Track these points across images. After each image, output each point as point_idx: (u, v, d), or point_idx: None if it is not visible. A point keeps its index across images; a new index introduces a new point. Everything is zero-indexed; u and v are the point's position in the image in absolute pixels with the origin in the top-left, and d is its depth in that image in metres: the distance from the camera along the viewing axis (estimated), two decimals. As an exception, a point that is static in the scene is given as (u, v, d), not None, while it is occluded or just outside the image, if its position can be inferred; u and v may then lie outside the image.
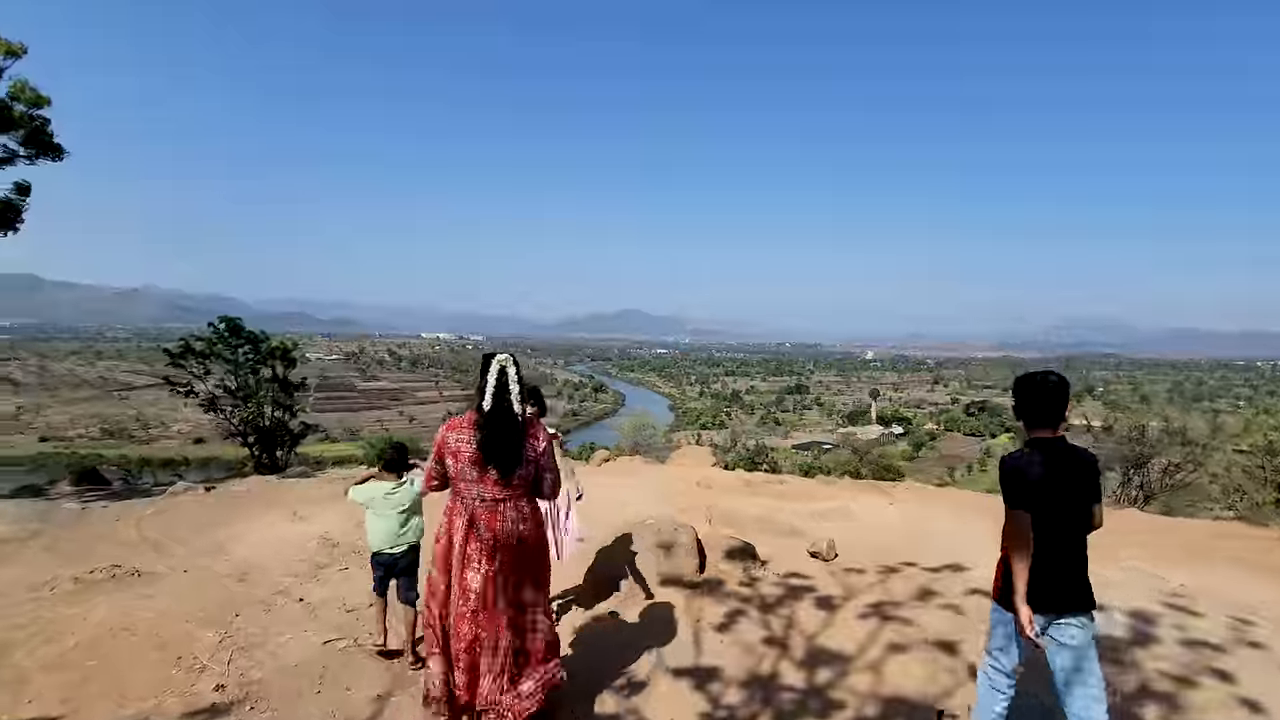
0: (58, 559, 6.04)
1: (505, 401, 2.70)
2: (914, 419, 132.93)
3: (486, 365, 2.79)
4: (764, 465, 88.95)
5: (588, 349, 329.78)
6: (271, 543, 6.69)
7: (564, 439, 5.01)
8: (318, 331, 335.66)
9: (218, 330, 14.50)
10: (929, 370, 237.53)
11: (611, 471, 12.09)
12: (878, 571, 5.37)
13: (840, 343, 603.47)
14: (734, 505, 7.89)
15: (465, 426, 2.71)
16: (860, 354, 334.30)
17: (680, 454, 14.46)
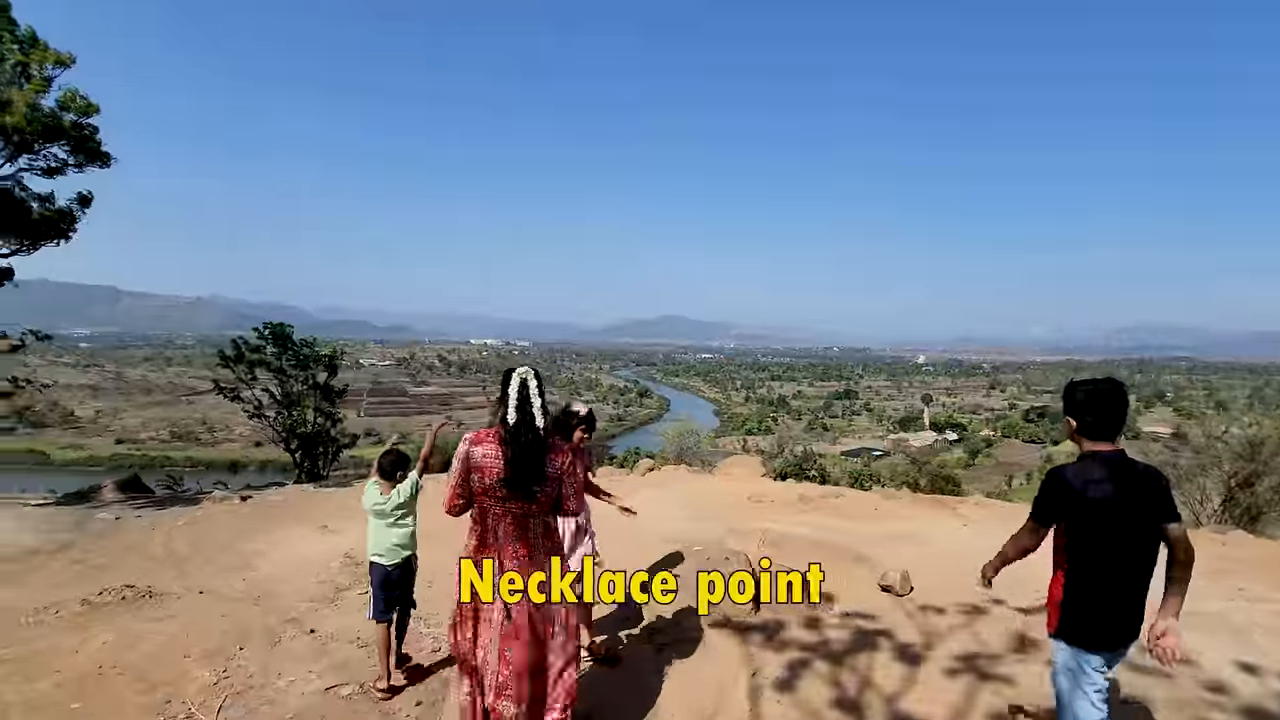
0: (78, 575, 5.82)
1: (528, 415, 2.60)
2: (969, 425, 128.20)
3: (507, 379, 2.68)
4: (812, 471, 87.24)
5: (632, 354, 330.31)
6: (295, 559, 6.36)
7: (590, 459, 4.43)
8: (373, 338, 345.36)
9: (263, 336, 14.39)
10: (984, 375, 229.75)
11: (655, 482, 11.49)
12: (961, 611, 4.63)
13: (890, 347, 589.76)
14: (789, 524, 7.20)
15: (490, 441, 2.60)
16: (911, 358, 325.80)
17: (729, 464, 13.76)
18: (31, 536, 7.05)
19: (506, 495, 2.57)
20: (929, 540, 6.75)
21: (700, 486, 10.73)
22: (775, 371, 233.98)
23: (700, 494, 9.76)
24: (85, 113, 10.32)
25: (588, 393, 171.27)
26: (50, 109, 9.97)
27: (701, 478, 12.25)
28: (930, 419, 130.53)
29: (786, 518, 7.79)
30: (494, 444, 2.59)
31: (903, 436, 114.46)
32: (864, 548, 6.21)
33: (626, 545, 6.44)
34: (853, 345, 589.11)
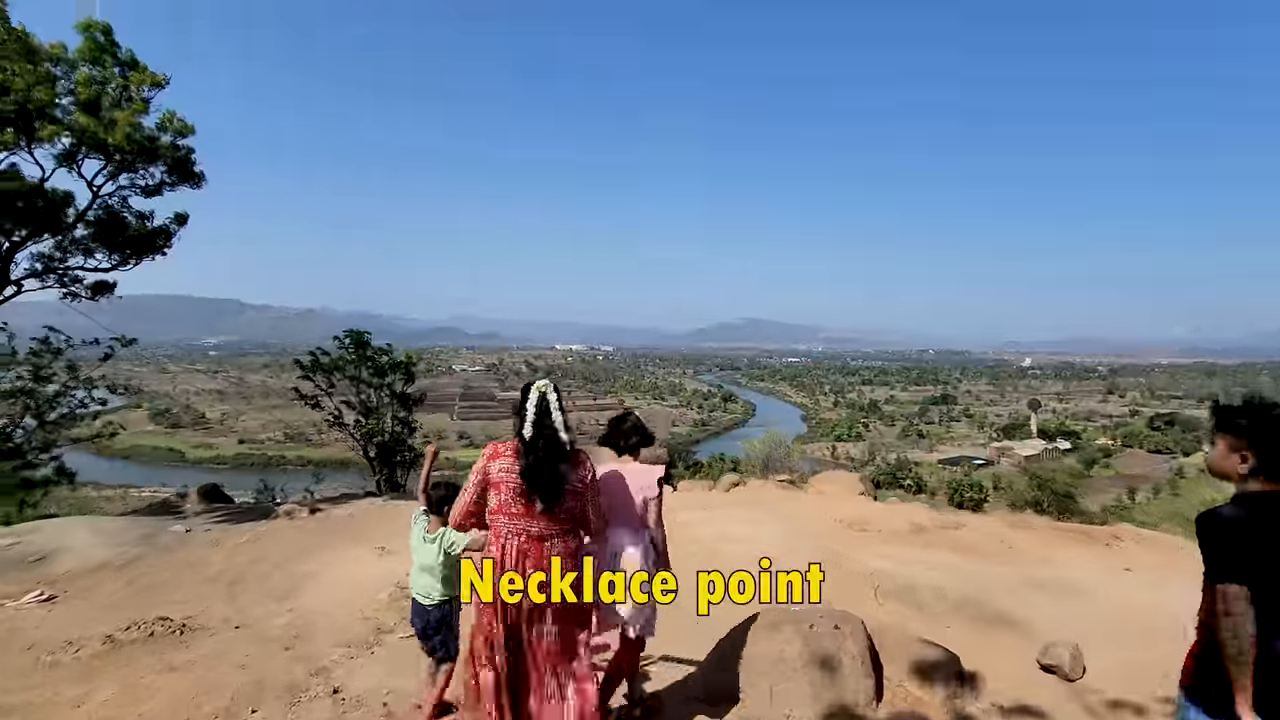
0: (127, 597, 5.59)
1: (547, 428, 2.54)
2: (1083, 433, 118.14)
3: (526, 392, 2.60)
4: (907, 480, 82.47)
5: (716, 358, 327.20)
6: (345, 586, 5.85)
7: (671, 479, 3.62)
8: (464, 345, 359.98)
9: (343, 344, 14.30)
10: (1100, 378, 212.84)
11: (740, 501, 10.45)
12: (1166, 714, 3.40)
13: (991, 349, 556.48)
14: (904, 563, 6.03)
15: (508, 455, 2.55)
16: (1015, 361, 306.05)
17: (822, 479, 12.51)
18: (103, 550, 6.94)
19: (523, 511, 2.49)
20: (1088, 592, 5.41)
21: (790, 507, 9.65)
22: (866, 375, 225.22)
23: (790, 517, 8.68)
24: (182, 133, 10.60)
25: (671, 397, 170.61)
26: (150, 130, 10.17)
27: (791, 495, 11.11)
28: (1038, 426, 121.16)
29: (899, 554, 6.60)
30: (511, 458, 2.52)
31: (1007, 445, 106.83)
32: (1006, 601, 4.98)
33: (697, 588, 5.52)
34: (949, 348, 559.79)
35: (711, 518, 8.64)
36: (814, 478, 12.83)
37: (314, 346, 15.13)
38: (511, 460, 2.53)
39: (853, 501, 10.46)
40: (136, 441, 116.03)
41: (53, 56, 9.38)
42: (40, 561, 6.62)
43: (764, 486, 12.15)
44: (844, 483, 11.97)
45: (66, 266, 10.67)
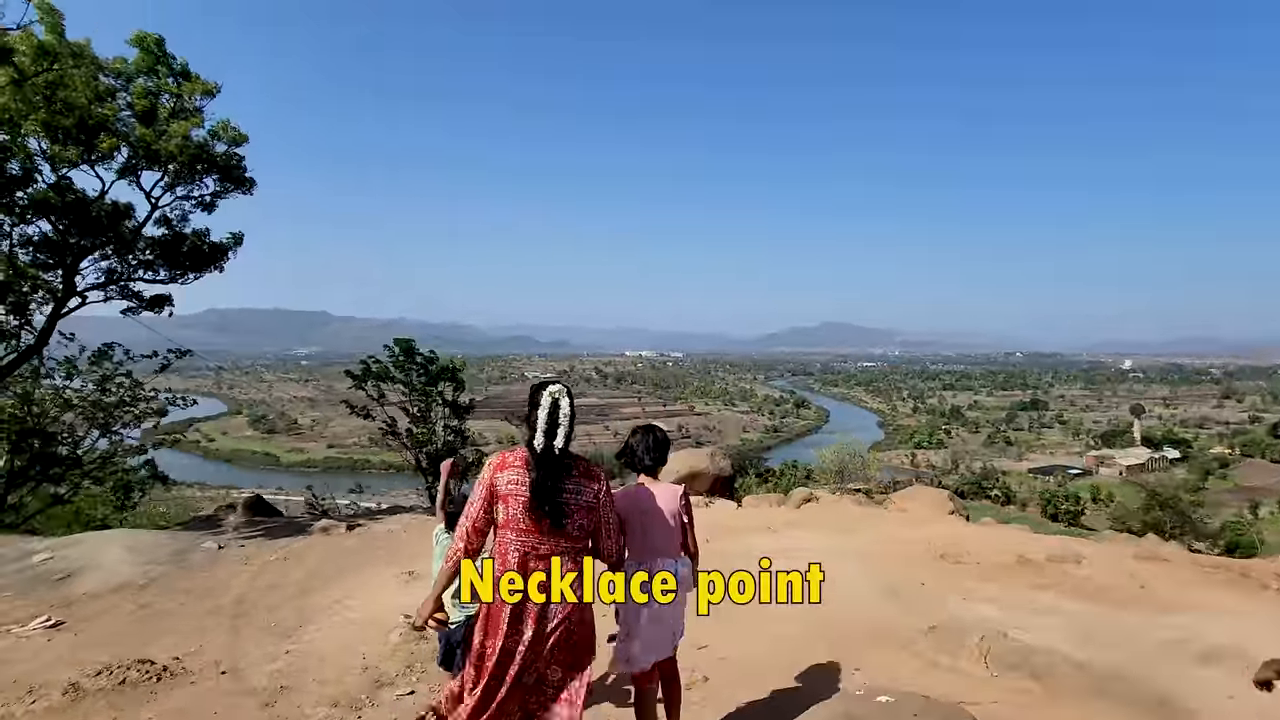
0: (130, 625, 5.28)
1: (558, 439, 2.36)
2: (1194, 440, 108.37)
3: (536, 398, 2.40)
4: (994, 490, 77.83)
5: (788, 363, 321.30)
6: (358, 622, 5.26)
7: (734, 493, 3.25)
8: (537, 353, 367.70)
9: (393, 352, 14.10)
10: (1213, 381, 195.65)
11: (811, 520, 9.35)
12: None
13: (1086, 351, 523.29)
14: (1017, 611, 4.87)
15: (517, 466, 2.35)
16: (1114, 364, 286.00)
17: (905, 496, 11.26)
18: (129, 569, 6.70)
19: (531, 527, 2.31)
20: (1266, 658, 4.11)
21: (870, 530, 8.52)
22: (947, 380, 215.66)
23: (871, 544, 7.57)
24: (236, 142, 10.51)
25: (742, 403, 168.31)
26: (202, 138, 10.13)
27: (870, 514, 9.91)
28: (1142, 433, 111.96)
29: (1008, 597, 5.40)
30: (521, 469, 2.33)
31: (1106, 453, 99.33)
32: (1167, 677, 3.77)
33: (753, 640, 4.57)
34: (1039, 350, 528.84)
35: (778, 543, 7.68)
36: (896, 494, 11.55)
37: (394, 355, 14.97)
38: (521, 472, 2.34)
39: (942, 523, 9.19)
40: (237, 446, 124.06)
41: (114, 70, 9.45)
42: (65, 580, 6.46)
43: (839, 502, 10.99)
44: (930, 500, 10.68)
45: (129, 279, 10.73)
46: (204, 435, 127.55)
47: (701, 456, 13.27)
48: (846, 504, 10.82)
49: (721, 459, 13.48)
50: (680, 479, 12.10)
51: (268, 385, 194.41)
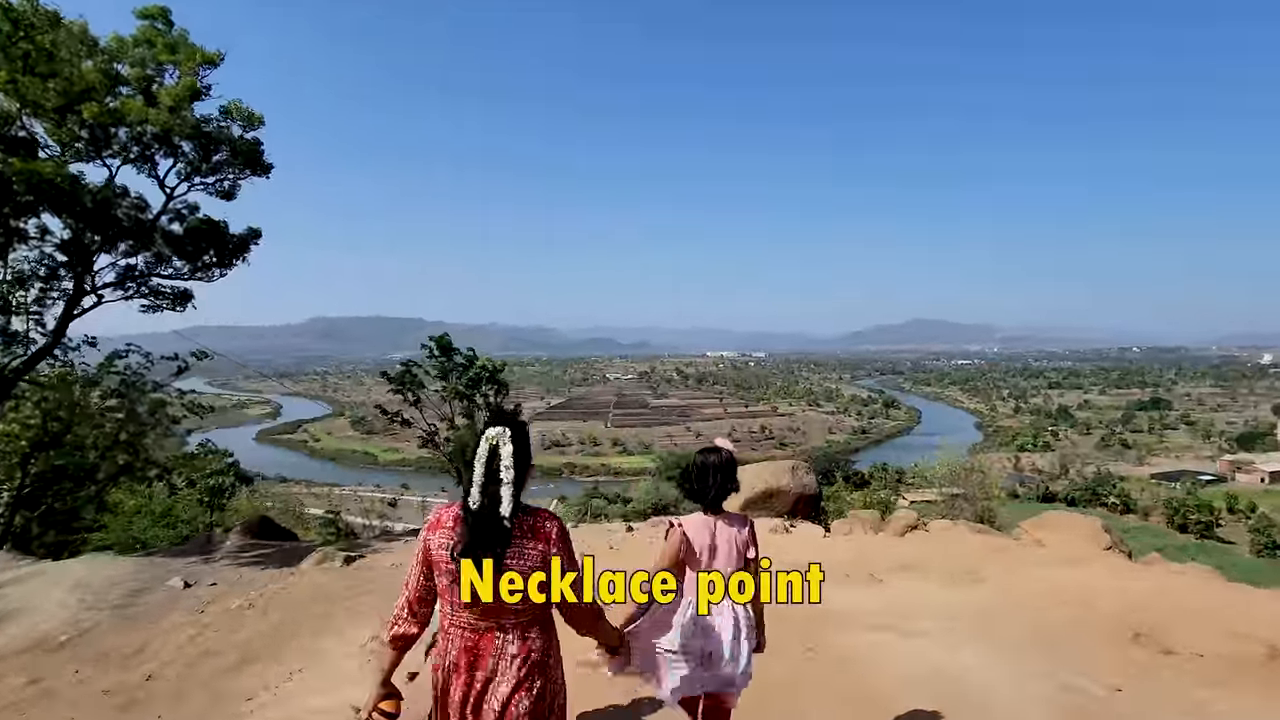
0: None
1: (493, 494, 1.90)
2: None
3: (475, 443, 1.94)
4: (1110, 498, 71.91)
5: (875, 362, 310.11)
6: (295, 714, 4.14)
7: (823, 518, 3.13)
8: (618, 354, 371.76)
9: (431, 350, 13.25)
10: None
11: (921, 560, 7.26)
12: None
13: (1216, 345, 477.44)
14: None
15: (449, 525, 1.95)
16: (1251, 358, 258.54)
17: (1041, 524, 8.60)
18: (63, 615, 5.92)
19: (463, 601, 1.90)
20: None
21: (1002, 576, 6.49)
22: (1053, 378, 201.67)
23: (1011, 602, 5.68)
24: (250, 123, 9.85)
25: (827, 404, 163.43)
26: (212, 118, 9.46)
27: (997, 550, 7.67)
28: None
29: (1238, 704, 3.79)
30: (451, 529, 1.93)
31: (1244, 458, 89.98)
32: None
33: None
34: (1160, 344, 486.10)
35: (884, 597, 5.91)
36: (1028, 523, 8.99)
37: (484, 357, 14.19)
38: (451, 532, 1.93)
39: (1099, 564, 6.86)
40: (340, 445, 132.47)
41: (110, 50, 8.76)
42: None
43: (953, 531, 8.89)
44: (1078, 531, 8.04)
45: (147, 275, 10.13)
46: (311, 435, 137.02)
47: (781, 470, 11.12)
48: (963, 533, 8.70)
49: (805, 473, 11.33)
50: (755, 497, 10.84)
51: (366, 388, 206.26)
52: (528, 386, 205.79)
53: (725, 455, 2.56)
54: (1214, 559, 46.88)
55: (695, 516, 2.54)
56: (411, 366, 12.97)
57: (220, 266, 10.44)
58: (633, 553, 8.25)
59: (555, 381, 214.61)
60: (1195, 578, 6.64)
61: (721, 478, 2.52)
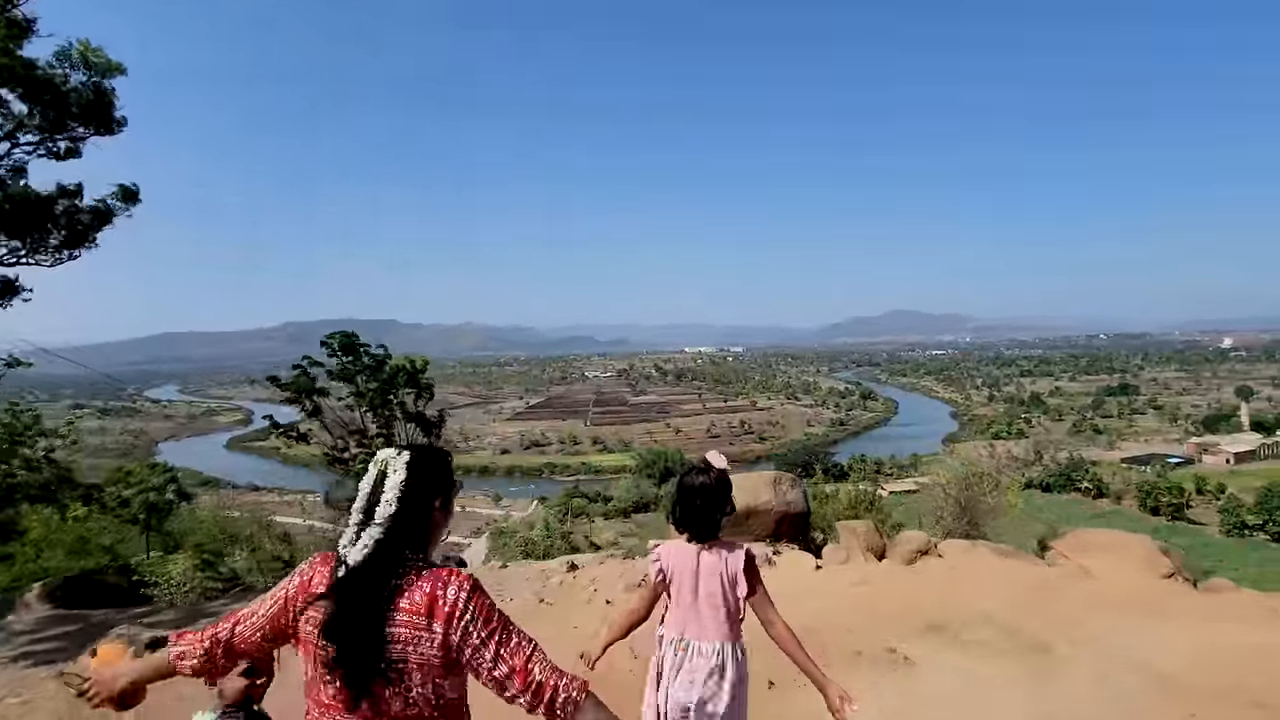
0: None
1: (375, 540, 1.36)
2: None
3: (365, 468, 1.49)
4: (1084, 483, 73.46)
5: (852, 354, 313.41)
6: None
7: None
8: (596, 352, 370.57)
9: (331, 349, 10.75)
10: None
11: (948, 607, 5.39)
12: None
13: (1180, 330, 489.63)
14: None
15: (324, 582, 1.41)
16: (1211, 342, 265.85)
17: (1082, 545, 7.10)
18: None
19: (332, 700, 1.36)
20: None
21: (1079, 644, 4.57)
22: (1024, 366, 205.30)
23: (1110, 692, 3.94)
24: (104, 72, 8.15)
25: (805, 397, 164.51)
26: (48, 62, 7.79)
27: (1040, 583, 6.07)
28: (1251, 417, 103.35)
29: None
30: (327, 580, 1.39)
31: (1210, 440, 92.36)
32: None
33: None
34: (1126, 331, 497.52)
35: (913, 688, 4.11)
36: (1064, 543, 7.51)
37: (460, 358, 12.57)
38: (320, 600, 1.39)
39: (1174, 600, 5.44)
40: (314, 452, 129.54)
41: None
42: None
43: (973, 556, 7.33)
44: (1128, 554, 6.56)
45: None
46: (283, 442, 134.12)
47: (760, 484, 9.00)
48: (986, 558, 7.12)
49: (790, 487, 9.14)
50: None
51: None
52: (506, 386, 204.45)
53: (714, 476, 2.19)
54: (1186, 539, 48.03)
55: (678, 543, 2.23)
56: (310, 368, 10.46)
57: (70, 247, 8.49)
58: (570, 605, 6.59)
59: (534, 380, 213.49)
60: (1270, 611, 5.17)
61: (709, 502, 2.17)
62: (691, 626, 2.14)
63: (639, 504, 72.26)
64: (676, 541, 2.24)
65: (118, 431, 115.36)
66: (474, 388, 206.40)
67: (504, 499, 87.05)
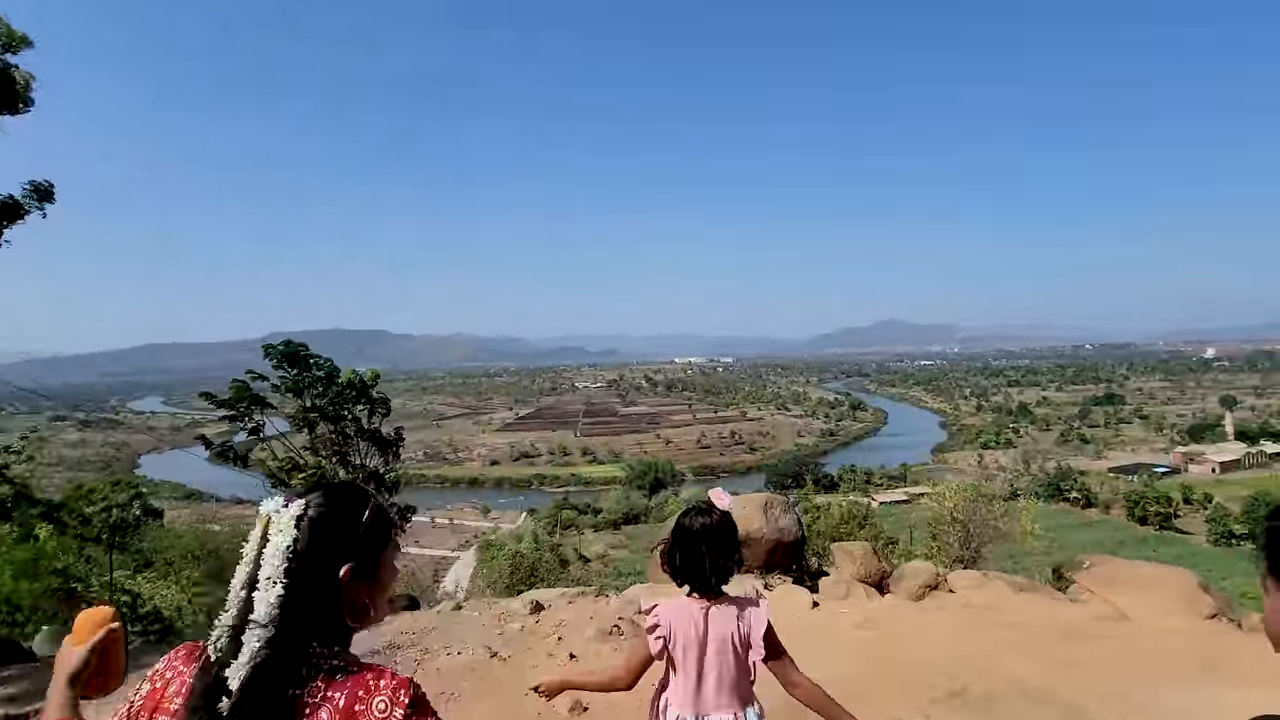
0: None
1: (268, 659, 0.91)
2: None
3: None
4: (1072, 493, 73.61)
5: (842, 365, 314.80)
6: None
7: None
8: (586, 363, 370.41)
9: (277, 358, 9.57)
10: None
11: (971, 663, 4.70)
12: None
13: (1163, 340, 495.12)
14: None
15: (183, 672, 0.99)
16: (1195, 352, 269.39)
17: (1110, 581, 6.45)
18: None
19: None
20: None
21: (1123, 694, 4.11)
22: (1012, 376, 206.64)
23: None
24: (8, 46, 7.39)
25: (795, 407, 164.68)
26: None
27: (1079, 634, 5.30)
28: (1235, 426, 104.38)
29: None
30: (183, 680, 0.96)
31: (1195, 449, 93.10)
32: None
33: None
34: (1111, 340, 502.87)
35: None
36: (1090, 577, 6.71)
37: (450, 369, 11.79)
38: (183, 691, 0.95)
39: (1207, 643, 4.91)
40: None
41: None
42: None
43: (988, 590, 6.71)
44: (1165, 590, 5.88)
45: None
46: (271, 453, 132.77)
47: (750, 510, 8.10)
48: (1005, 594, 6.54)
49: (782, 512, 8.25)
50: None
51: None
52: (496, 396, 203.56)
53: (717, 519, 1.88)
54: (1174, 549, 48.08)
55: (679, 601, 1.93)
56: (253, 381, 9.01)
57: None
58: (529, 657, 5.49)
59: (524, 391, 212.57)
60: None
61: (716, 548, 1.86)
62: (705, 701, 1.86)
63: (629, 515, 71.85)
64: (677, 600, 1.93)
65: (99, 444, 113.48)
66: (464, 398, 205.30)
67: (493, 511, 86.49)
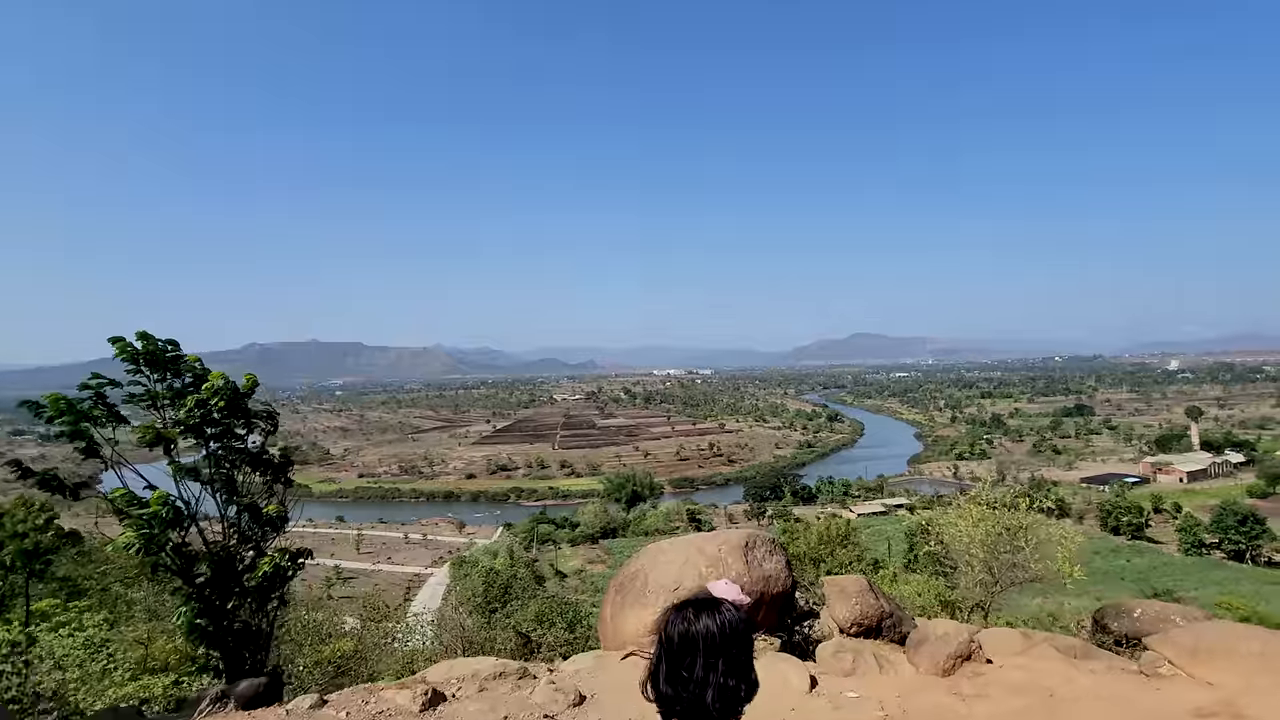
0: None
1: None
2: (1257, 442, 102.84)
3: None
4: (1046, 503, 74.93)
5: (819, 377, 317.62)
6: None
7: None
8: (565, 375, 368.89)
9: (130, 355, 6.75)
10: (1269, 379, 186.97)
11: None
12: None
13: (1129, 352, 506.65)
14: None
15: None
16: (1159, 364, 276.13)
17: (1192, 647, 5.21)
18: None
19: None
20: None
21: None
22: (985, 388, 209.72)
23: None
24: None
25: (773, 419, 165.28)
26: None
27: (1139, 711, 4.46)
28: (1201, 437, 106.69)
29: None
30: None
31: (1164, 459, 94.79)
32: None
33: None
34: (1079, 353, 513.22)
35: None
36: (1164, 641, 5.39)
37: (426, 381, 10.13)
38: None
39: None
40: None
41: None
42: None
43: (1031, 654, 5.45)
44: (1256, 661, 4.80)
45: None
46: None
47: (728, 551, 6.52)
48: (1061, 670, 5.17)
49: (767, 555, 6.71)
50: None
51: (302, 416, 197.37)
52: (473, 409, 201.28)
53: (725, 619, 1.27)
54: (1147, 560, 48.53)
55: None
56: (101, 389, 6.66)
57: None
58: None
59: (502, 403, 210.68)
60: None
61: (723, 665, 1.23)
62: None
63: (607, 529, 70.92)
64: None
65: (59, 459, 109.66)
66: (440, 411, 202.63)
67: (468, 525, 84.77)
